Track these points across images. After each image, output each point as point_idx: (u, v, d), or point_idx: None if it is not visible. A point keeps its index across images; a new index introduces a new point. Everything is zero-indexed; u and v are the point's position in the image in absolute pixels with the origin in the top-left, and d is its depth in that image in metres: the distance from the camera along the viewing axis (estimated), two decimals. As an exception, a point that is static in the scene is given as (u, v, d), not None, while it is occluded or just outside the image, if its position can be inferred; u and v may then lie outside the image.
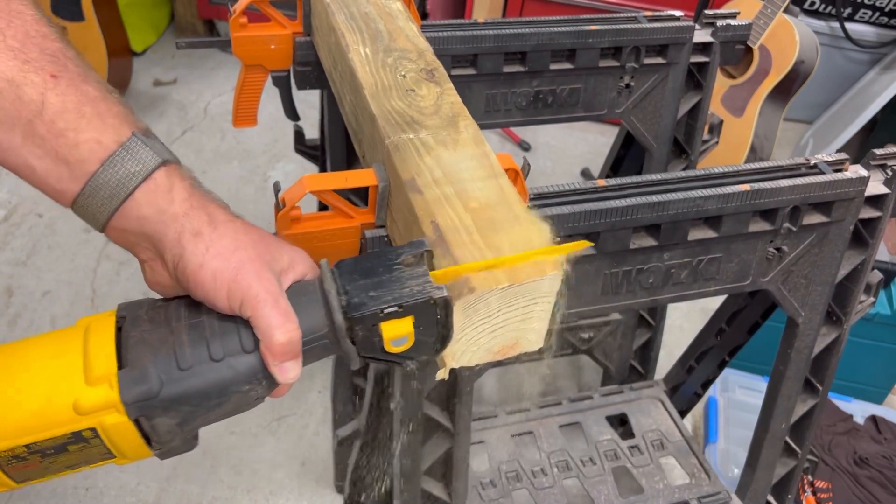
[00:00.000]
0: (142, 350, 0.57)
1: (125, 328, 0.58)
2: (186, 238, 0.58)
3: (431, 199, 0.67)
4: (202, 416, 0.58)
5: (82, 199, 0.57)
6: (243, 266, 0.58)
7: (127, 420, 0.55)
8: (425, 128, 0.76)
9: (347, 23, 0.94)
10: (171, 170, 0.59)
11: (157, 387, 0.55)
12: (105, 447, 0.57)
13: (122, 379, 0.55)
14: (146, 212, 0.58)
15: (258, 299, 0.57)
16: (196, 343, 0.58)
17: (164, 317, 0.59)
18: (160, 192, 0.58)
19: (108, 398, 0.55)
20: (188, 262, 0.58)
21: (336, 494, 1.65)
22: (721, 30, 1.34)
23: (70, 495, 1.58)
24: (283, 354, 0.58)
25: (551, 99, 1.31)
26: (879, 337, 1.83)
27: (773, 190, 0.96)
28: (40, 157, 0.55)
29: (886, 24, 2.78)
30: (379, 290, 0.58)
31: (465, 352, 0.62)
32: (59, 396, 0.55)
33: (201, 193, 0.60)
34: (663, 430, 1.51)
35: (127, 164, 0.57)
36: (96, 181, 0.56)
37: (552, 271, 0.61)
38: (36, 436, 0.54)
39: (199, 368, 0.57)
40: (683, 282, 1.02)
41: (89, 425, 0.55)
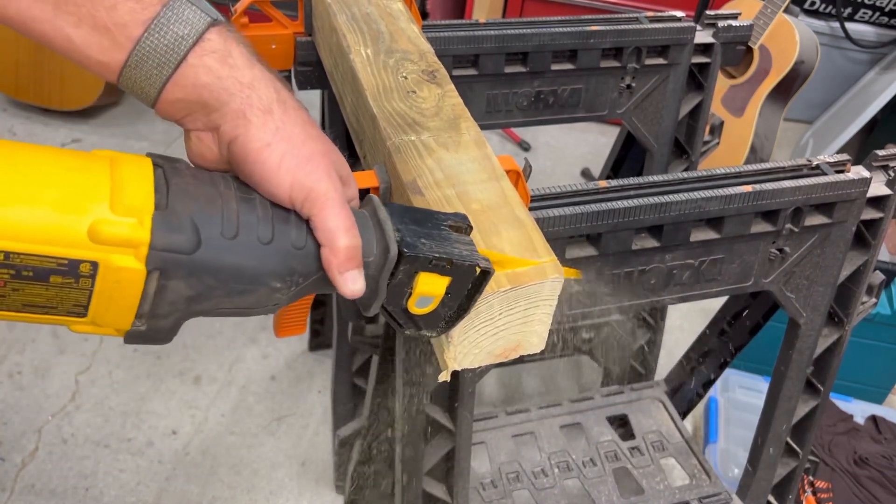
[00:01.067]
0: (184, 199, 0.49)
1: (163, 174, 0.50)
2: (254, 112, 0.52)
3: (433, 200, 0.67)
4: (218, 299, 0.51)
5: (129, 71, 0.51)
6: (314, 159, 0.53)
7: (142, 268, 0.47)
8: (427, 129, 0.76)
9: (349, 24, 0.94)
10: (223, 31, 0.52)
11: (194, 243, 0.48)
12: (88, 296, 0.48)
13: (158, 220, 0.47)
14: (204, 79, 0.51)
15: (327, 197, 0.53)
16: (246, 216, 0.51)
17: (210, 179, 0.52)
18: (217, 57, 0.51)
19: (134, 235, 0.47)
20: (253, 137, 0.52)
21: (336, 494, 1.65)
22: (722, 31, 1.34)
23: (70, 495, 1.58)
24: (348, 260, 0.53)
25: (552, 99, 1.31)
26: (879, 337, 1.83)
27: (776, 191, 0.96)
28: (76, 26, 0.49)
29: (886, 24, 2.78)
30: (430, 241, 0.56)
31: (468, 354, 0.62)
32: (77, 212, 0.46)
33: (262, 65, 0.54)
34: (664, 430, 1.51)
35: (173, 26, 0.50)
36: (142, 48, 0.50)
37: (553, 275, 0.61)
38: (28, 246, 0.45)
39: (244, 242, 0.50)
40: (685, 283, 1.02)
41: (94, 258, 0.46)
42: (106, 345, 1.88)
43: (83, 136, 2.56)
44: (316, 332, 1.93)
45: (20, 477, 1.60)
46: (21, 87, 2.47)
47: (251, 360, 1.91)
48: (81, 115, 2.58)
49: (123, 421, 1.73)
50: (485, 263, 0.56)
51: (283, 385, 1.86)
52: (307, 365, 1.92)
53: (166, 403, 1.77)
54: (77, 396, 1.76)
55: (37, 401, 1.74)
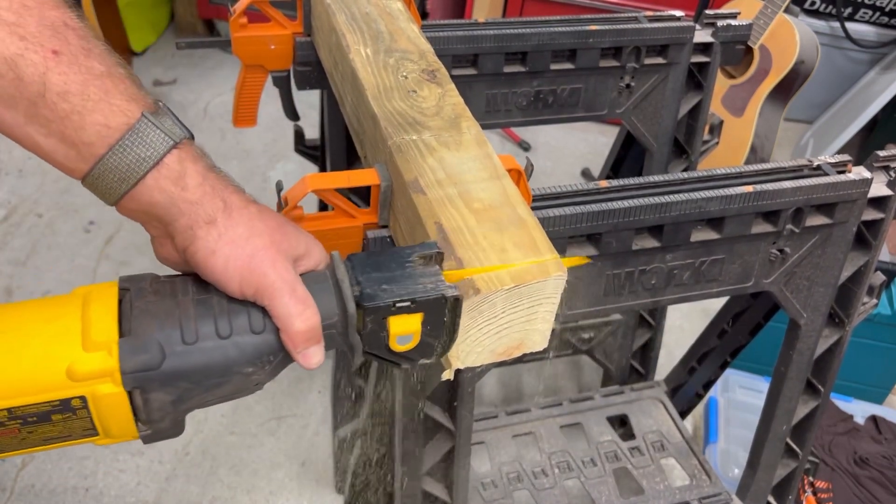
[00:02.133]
0: (145, 320, 0.55)
1: (128, 298, 0.56)
2: (199, 225, 0.56)
3: (435, 199, 0.67)
4: (199, 396, 0.56)
5: (91, 179, 0.55)
6: (257, 254, 0.57)
7: (122, 391, 0.53)
8: (427, 129, 0.76)
9: (348, 23, 0.94)
10: (183, 153, 0.56)
11: (159, 358, 0.53)
12: (90, 421, 0.54)
13: (123, 347, 0.53)
14: (158, 198, 0.55)
15: (274, 288, 0.56)
16: (203, 318, 0.56)
17: (171, 290, 0.58)
18: (171, 178, 0.55)
19: (106, 365, 0.52)
20: (199, 248, 0.56)
21: (336, 494, 1.65)
22: (721, 30, 1.34)
23: (70, 495, 1.58)
24: (305, 341, 0.57)
25: (552, 99, 1.31)
26: (880, 337, 1.83)
27: (776, 191, 0.96)
28: (46, 136, 0.53)
29: (887, 24, 2.78)
30: (391, 284, 0.57)
31: (470, 352, 0.62)
32: (53, 360, 0.52)
33: (215, 176, 0.58)
34: (664, 430, 1.51)
35: (136, 148, 0.54)
36: (105, 165, 0.54)
37: (556, 273, 0.61)
38: (22, 399, 0.52)
39: (205, 344, 0.55)
40: (686, 283, 1.02)
41: (80, 393, 0.52)
42: (105, 345, 1.88)
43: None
44: (316, 333, 1.93)
45: (20, 477, 1.60)
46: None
47: (251, 360, 1.91)
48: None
49: (123, 421, 1.72)
50: (451, 291, 0.58)
51: (283, 385, 1.86)
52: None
53: (166, 403, 1.77)
54: (77, 396, 1.76)
55: (36, 401, 1.74)
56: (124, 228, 2.20)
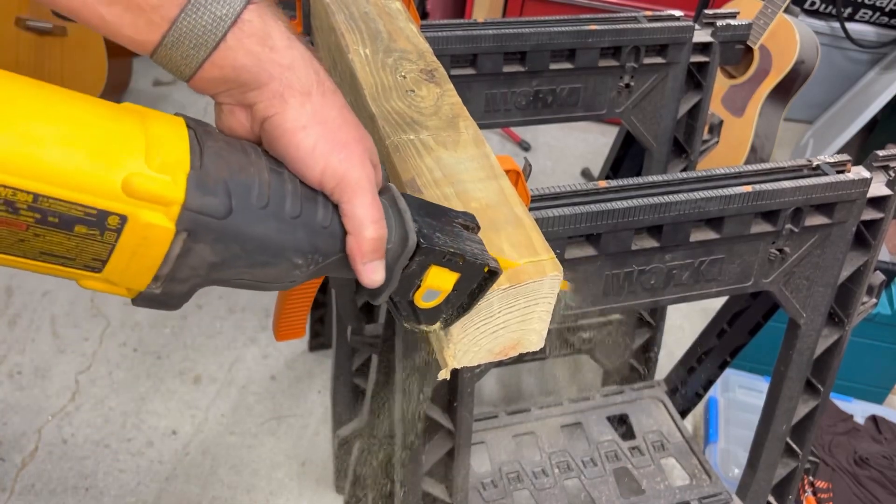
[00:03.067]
0: (219, 164, 0.49)
1: (196, 136, 0.50)
2: (293, 94, 0.51)
3: (432, 199, 0.67)
4: (240, 268, 0.50)
5: (164, 50, 0.49)
6: (349, 145, 0.53)
7: (171, 227, 0.46)
8: (425, 128, 0.76)
9: (347, 23, 0.94)
10: (262, 8, 0.51)
11: (226, 209, 0.48)
12: (109, 250, 0.46)
13: (194, 180, 0.46)
14: (243, 61, 0.50)
15: (359, 186, 0.52)
16: (277, 189, 0.51)
17: (242, 147, 0.52)
18: (256, 37, 0.50)
19: (169, 192, 0.45)
20: (289, 118, 0.51)
21: (336, 495, 1.65)
22: (721, 29, 1.34)
23: (70, 495, 1.58)
24: (373, 251, 0.53)
25: (551, 99, 1.31)
26: (879, 337, 1.83)
27: (775, 191, 0.96)
28: (109, 5, 0.47)
29: (887, 24, 2.78)
30: (444, 235, 0.56)
31: (467, 352, 0.62)
32: (113, 162, 0.44)
33: (300, 42, 0.53)
34: (664, 430, 1.50)
35: (211, 6, 0.48)
36: (178, 29, 0.48)
37: (553, 272, 0.61)
38: (59, 190, 0.43)
39: (273, 214, 0.50)
40: (685, 283, 1.02)
41: (125, 211, 0.45)
42: (106, 345, 1.88)
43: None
44: (316, 333, 1.93)
45: (20, 477, 1.60)
46: (21, 88, 2.47)
47: (251, 360, 1.91)
48: (81, 115, 2.58)
49: (123, 421, 1.73)
50: (494, 264, 0.56)
51: (283, 385, 1.86)
52: (307, 365, 1.92)
53: (166, 403, 1.77)
54: (77, 396, 1.76)
55: (37, 401, 1.74)
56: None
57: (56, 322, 1.92)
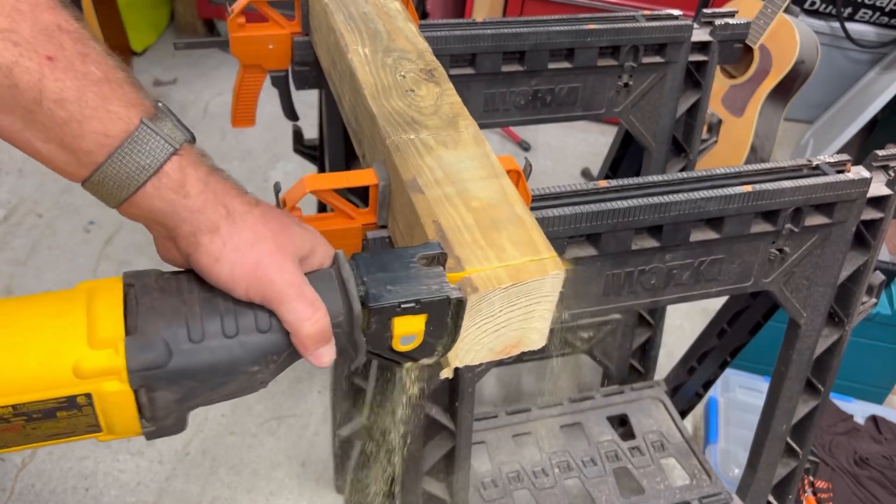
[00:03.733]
0: (152, 318, 0.54)
1: (133, 294, 0.56)
2: (202, 232, 0.56)
3: (433, 198, 0.67)
4: (204, 395, 0.56)
5: (91, 185, 0.54)
6: (262, 260, 0.56)
7: (128, 389, 0.53)
8: (426, 128, 0.76)
9: (346, 23, 0.94)
10: (184, 159, 0.55)
11: (166, 357, 0.53)
12: (95, 418, 0.54)
13: (130, 345, 0.53)
14: (159, 205, 0.55)
15: (282, 295, 0.56)
16: (209, 317, 0.55)
17: (176, 287, 0.57)
18: (172, 186, 0.55)
19: (112, 363, 0.52)
20: (203, 255, 0.56)
21: (336, 494, 1.65)
22: (719, 28, 1.34)
23: (70, 495, 1.58)
24: (316, 343, 0.57)
25: (550, 98, 1.31)
26: (879, 337, 1.83)
27: (775, 191, 0.96)
28: (44, 142, 0.52)
29: (887, 24, 2.78)
30: (396, 285, 0.57)
31: (469, 351, 0.62)
32: (59, 357, 0.52)
33: (217, 181, 0.57)
34: (664, 430, 1.50)
35: (136, 156, 0.53)
36: (104, 172, 0.53)
37: (554, 271, 0.61)
38: (27, 396, 0.51)
39: (211, 343, 0.55)
40: (685, 283, 1.02)
41: (86, 391, 0.52)
42: (105, 345, 1.88)
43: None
44: (315, 333, 1.92)
45: (20, 477, 1.60)
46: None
47: (251, 360, 1.91)
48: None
49: (123, 421, 1.72)
50: (455, 294, 0.58)
51: (283, 385, 1.86)
52: (307, 365, 1.89)
53: (166, 404, 1.77)
54: (76, 397, 1.76)
55: (36, 401, 1.74)
56: (124, 228, 2.20)
57: (56, 322, 1.92)
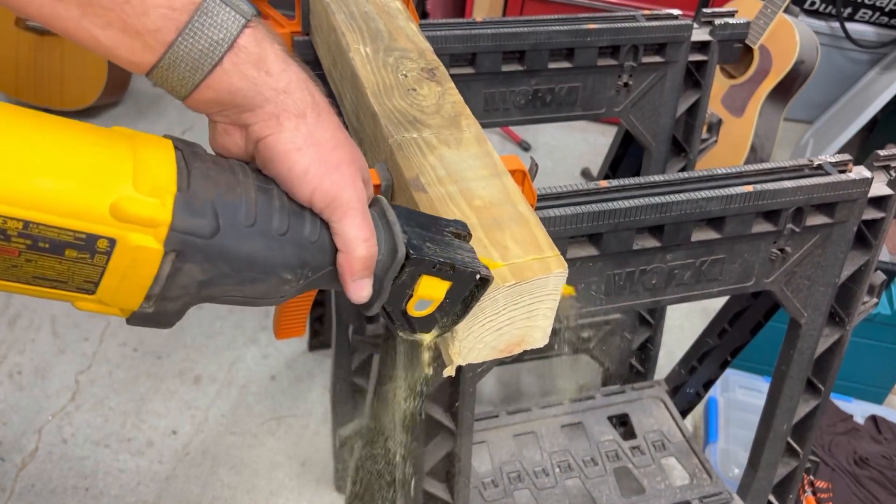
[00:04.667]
0: (206, 184, 0.50)
1: (183, 157, 0.51)
2: (288, 116, 0.53)
3: (436, 197, 0.67)
4: (229, 286, 0.51)
5: (160, 72, 0.50)
6: (341, 167, 0.54)
7: (160, 249, 0.47)
8: (428, 127, 0.76)
9: (347, 22, 0.94)
10: (258, 32, 0.52)
11: (213, 228, 0.49)
12: (100, 272, 0.47)
13: (181, 202, 0.48)
14: (239, 84, 0.51)
15: (350, 206, 0.53)
16: (264, 206, 0.52)
17: (229, 167, 0.53)
18: (252, 61, 0.51)
19: (156, 214, 0.47)
20: (283, 140, 0.52)
21: (336, 494, 1.65)
22: (719, 28, 1.34)
23: (70, 495, 1.58)
24: (362, 269, 0.54)
25: (550, 98, 1.31)
26: (879, 337, 1.83)
27: (777, 191, 0.96)
28: (104, 28, 0.47)
29: (886, 24, 2.78)
30: (434, 245, 0.56)
31: (472, 349, 0.62)
32: (101, 187, 0.46)
33: (296, 64, 0.54)
34: (664, 430, 1.50)
35: (208, 30, 0.49)
36: (174, 53, 0.49)
37: (558, 269, 0.61)
38: (48, 217, 0.44)
39: (260, 232, 0.51)
40: (686, 283, 1.02)
41: (114, 234, 0.46)
42: (106, 345, 1.88)
43: (82, 136, 2.56)
44: (315, 332, 1.93)
45: (20, 477, 1.60)
46: (21, 87, 2.47)
47: (251, 360, 1.91)
48: (82, 114, 2.57)
49: (123, 421, 1.72)
50: (485, 271, 0.57)
51: (283, 385, 1.86)
52: (307, 365, 1.92)
53: (166, 403, 1.77)
54: (77, 396, 1.76)
55: (37, 401, 1.74)
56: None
57: (56, 322, 1.92)
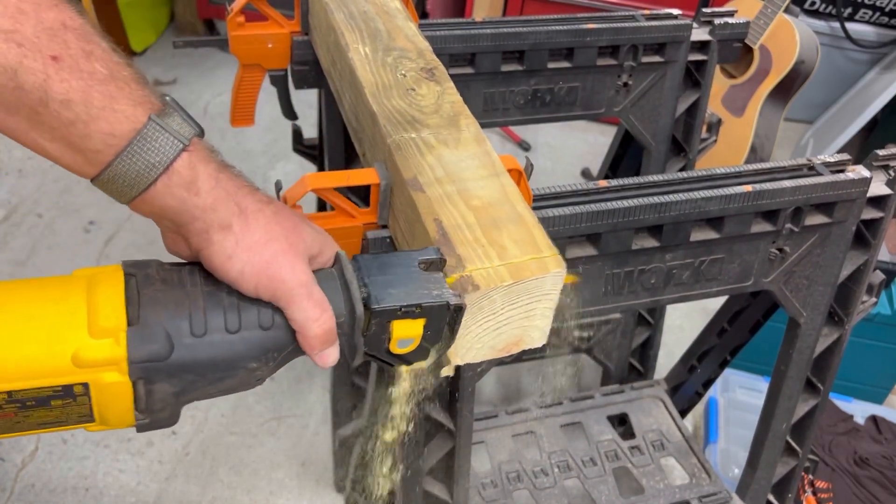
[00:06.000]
0: (154, 309, 0.54)
1: (134, 284, 0.55)
2: (214, 230, 0.56)
3: (434, 197, 0.67)
4: (202, 389, 0.55)
5: (100, 183, 0.54)
6: (276, 259, 0.56)
7: (126, 380, 0.52)
8: (426, 127, 0.76)
9: (347, 22, 0.94)
10: (193, 155, 0.55)
11: (168, 350, 0.53)
12: (89, 408, 0.53)
13: (132, 336, 0.52)
14: (169, 202, 0.54)
15: (292, 294, 0.56)
16: (212, 311, 0.55)
17: (178, 279, 0.57)
18: (183, 184, 0.54)
19: (113, 354, 0.51)
20: (214, 252, 0.56)
21: (336, 494, 1.65)
22: (718, 28, 1.34)
23: (70, 495, 1.58)
24: (322, 343, 0.57)
25: (549, 98, 1.31)
26: (879, 337, 1.83)
27: (776, 191, 0.96)
28: (51, 141, 0.52)
29: (886, 24, 2.78)
30: (397, 288, 0.58)
31: (470, 349, 0.62)
32: (59, 344, 0.51)
33: (228, 177, 0.57)
34: (664, 430, 1.50)
35: (145, 154, 0.52)
36: (113, 171, 0.52)
37: (555, 269, 0.61)
38: (24, 383, 0.50)
39: (213, 337, 0.54)
40: (685, 282, 1.02)
41: (83, 380, 0.51)
42: (105, 345, 1.88)
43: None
44: (315, 332, 1.92)
45: (20, 477, 1.60)
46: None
47: (251, 360, 1.90)
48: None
49: (123, 421, 1.72)
50: (455, 300, 0.58)
51: (283, 385, 1.86)
52: (307, 365, 1.91)
53: (166, 404, 1.77)
54: (76, 397, 1.76)
55: (36, 401, 1.74)
56: (124, 228, 2.20)
57: (55, 322, 1.92)
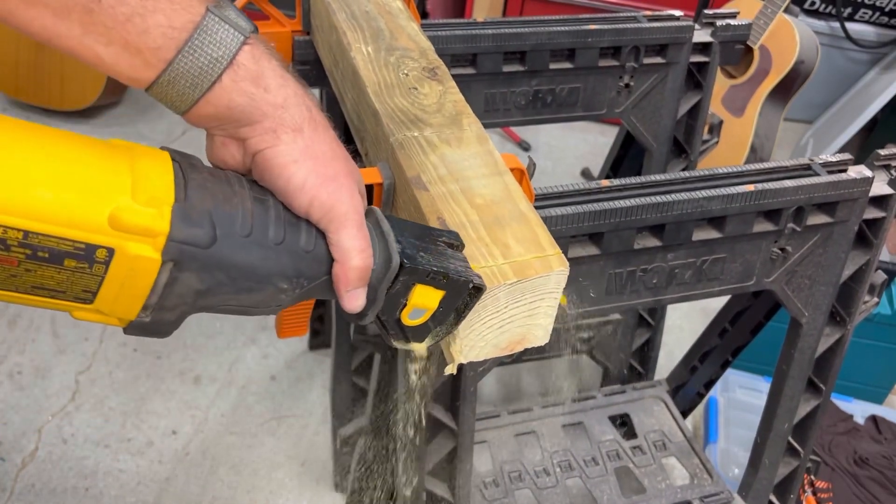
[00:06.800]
0: (202, 195, 0.50)
1: (181, 168, 0.51)
2: (285, 131, 0.53)
3: (437, 195, 0.67)
4: (225, 295, 0.52)
5: (159, 87, 0.51)
6: (338, 179, 0.54)
7: (157, 258, 0.48)
8: (429, 126, 0.76)
9: (348, 21, 0.94)
10: (256, 49, 0.53)
11: (210, 238, 0.49)
12: (99, 282, 0.48)
13: (178, 213, 0.48)
14: (238, 100, 0.52)
15: (346, 218, 0.54)
16: (260, 217, 0.52)
17: (226, 178, 0.53)
18: (250, 78, 0.52)
19: (154, 225, 0.47)
20: (280, 153, 0.53)
21: (336, 494, 1.65)
22: (720, 29, 1.34)
23: (70, 495, 1.58)
24: (357, 280, 0.55)
25: (550, 98, 1.31)
26: (880, 337, 1.83)
27: (778, 190, 0.96)
28: (106, 45, 0.48)
29: (886, 24, 2.79)
30: (427, 254, 0.57)
31: (473, 347, 0.62)
32: (98, 197, 0.46)
33: (293, 79, 0.55)
34: (665, 430, 1.51)
35: (207, 48, 0.50)
36: (174, 70, 0.50)
37: (559, 267, 0.61)
38: (47, 227, 0.45)
39: (257, 241, 0.51)
40: (687, 282, 1.02)
41: (112, 244, 0.47)
42: (106, 345, 1.88)
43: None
44: (316, 332, 1.93)
45: (20, 477, 1.60)
46: (21, 87, 2.47)
47: (251, 360, 1.91)
48: (81, 115, 2.57)
49: (123, 421, 1.72)
50: (479, 280, 0.57)
51: (283, 385, 1.86)
52: (307, 365, 1.92)
53: (166, 403, 1.77)
54: (77, 396, 1.76)
55: (37, 401, 1.74)
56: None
57: (56, 322, 1.92)
